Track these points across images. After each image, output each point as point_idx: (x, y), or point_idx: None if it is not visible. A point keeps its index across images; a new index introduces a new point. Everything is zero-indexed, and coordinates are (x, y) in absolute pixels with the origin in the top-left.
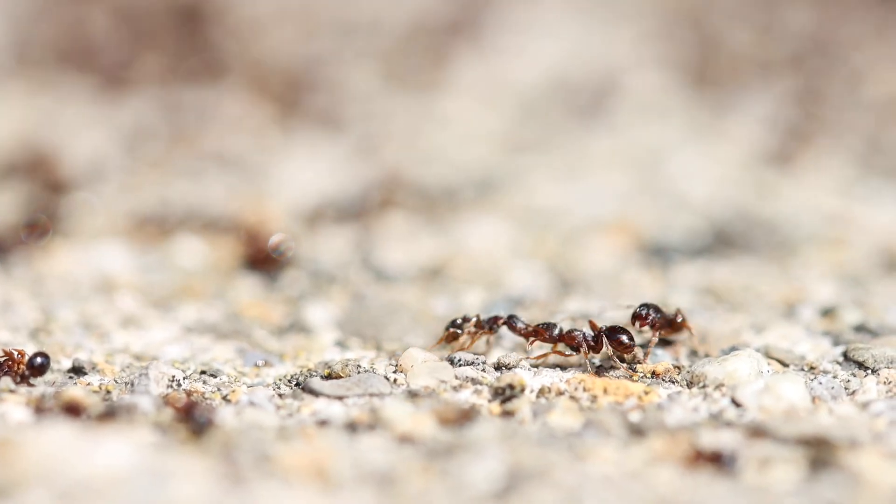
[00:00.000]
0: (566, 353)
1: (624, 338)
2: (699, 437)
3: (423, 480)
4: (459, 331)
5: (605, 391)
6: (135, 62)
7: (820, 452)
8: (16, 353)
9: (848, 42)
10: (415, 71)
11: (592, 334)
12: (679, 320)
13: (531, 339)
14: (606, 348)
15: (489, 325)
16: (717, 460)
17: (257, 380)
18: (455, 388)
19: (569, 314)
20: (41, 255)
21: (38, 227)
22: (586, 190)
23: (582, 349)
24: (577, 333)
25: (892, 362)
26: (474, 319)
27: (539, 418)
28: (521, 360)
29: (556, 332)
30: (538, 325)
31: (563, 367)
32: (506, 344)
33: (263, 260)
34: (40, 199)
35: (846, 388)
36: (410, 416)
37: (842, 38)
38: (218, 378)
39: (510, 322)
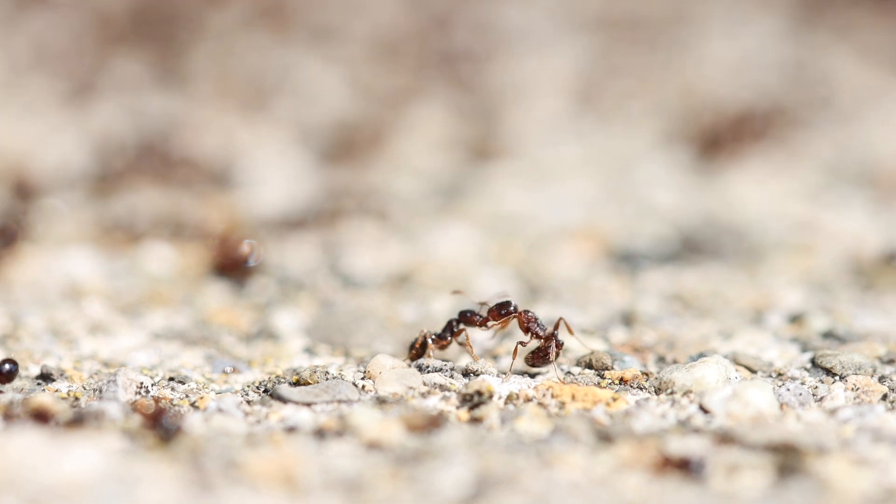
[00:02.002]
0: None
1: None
2: (667, 444)
3: (391, 487)
4: (423, 348)
5: (574, 398)
6: (104, 68)
7: (788, 459)
8: None
9: (815, 48)
10: (382, 77)
11: (544, 328)
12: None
13: (489, 323)
14: (553, 347)
15: (449, 332)
16: (684, 467)
17: (225, 386)
18: (423, 395)
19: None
20: (9, 261)
21: (7, 234)
22: (553, 197)
23: (531, 332)
24: (532, 315)
25: (859, 369)
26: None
27: (507, 425)
28: (486, 364)
29: (512, 307)
30: (492, 307)
31: (531, 374)
32: (474, 351)
33: (232, 266)
34: (9, 205)
35: (814, 395)
36: (378, 423)
37: (808, 45)
38: (186, 384)
39: (465, 317)
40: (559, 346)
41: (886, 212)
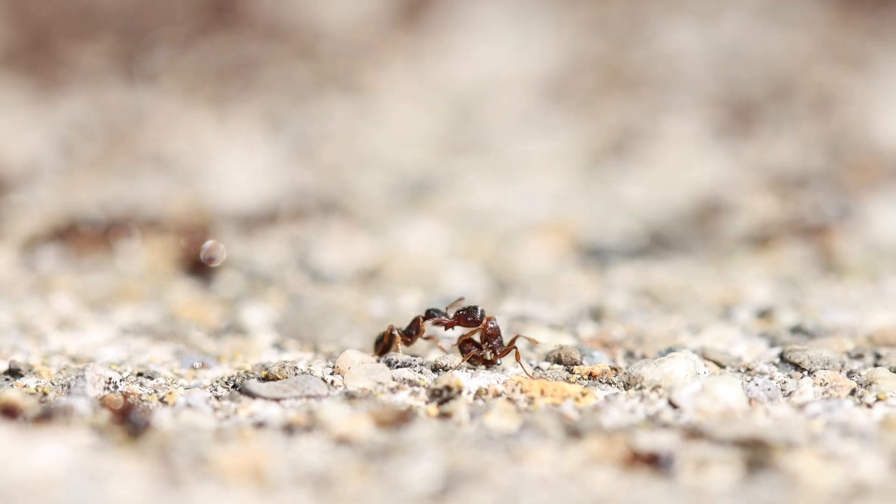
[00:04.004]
0: (471, 344)
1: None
2: (636, 439)
3: (359, 482)
4: (389, 342)
5: (542, 393)
6: (71, 63)
7: (756, 454)
8: None
9: (783, 45)
10: (352, 72)
11: (502, 344)
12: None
13: (451, 327)
14: (516, 356)
15: (415, 329)
16: (653, 461)
17: (194, 382)
18: (392, 390)
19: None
20: None
21: None
22: (522, 192)
23: (490, 342)
24: (495, 327)
25: (827, 364)
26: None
27: (476, 420)
28: (447, 356)
29: (479, 314)
30: (459, 311)
31: (501, 369)
32: (443, 345)
33: (199, 262)
34: None
35: (782, 390)
36: (347, 418)
37: (777, 41)
38: (155, 380)
39: (430, 316)
40: (500, 354)
41: (853, 206)
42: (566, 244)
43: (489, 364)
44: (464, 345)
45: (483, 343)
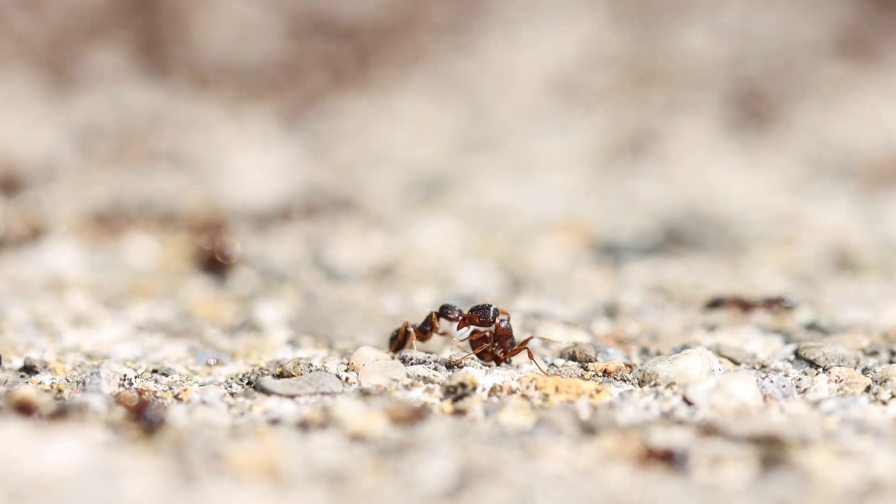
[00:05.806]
0: (483, 340)
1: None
2: (650, 436)
3: (374, 479)
4: (403, 339)
5: (557, 389)
6: (87, 60)
7: (771, 451)
8: None
9: (795, 41)
10: (366, 69)
11: (513, 344)
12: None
13: (464, 325)
14: (529, 355)
15: (429, 325)
16: (668, 458)
17: (209, 378)
18: (407, 387)
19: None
20: None
21: None
22: (536, 189)
23: (502, 342)
24: (507, 328)
25: (842, 360)
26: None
27: (491, 417)
28: (457, 355)
29: (491, 314)
30: (471, 309)
31: (515, 366)
32: (459, 342)
33: (214, 259)
34: None
35: (797, 387)
36: (362, 415)
37: (788, 38)
38: (169, 377)
39: (444, 312)
40: (510, 353)
41: (868, 203)
42: (580, 241)
43: (499, 362)
44: (475, 341)
45: (494, 342)
